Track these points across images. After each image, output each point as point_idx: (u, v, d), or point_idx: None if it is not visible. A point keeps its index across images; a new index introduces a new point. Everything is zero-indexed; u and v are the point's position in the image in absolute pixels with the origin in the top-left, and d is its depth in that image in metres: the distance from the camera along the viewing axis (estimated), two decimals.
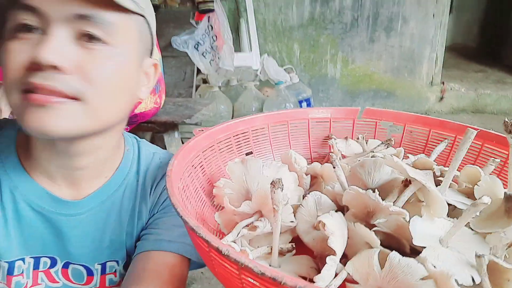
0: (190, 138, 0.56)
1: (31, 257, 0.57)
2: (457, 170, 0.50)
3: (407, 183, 0.45)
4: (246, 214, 0.49)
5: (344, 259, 0.44)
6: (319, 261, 0.47)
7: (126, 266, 0.58)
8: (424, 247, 0.37)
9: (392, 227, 0.41)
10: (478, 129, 0.46)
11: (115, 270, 0.58)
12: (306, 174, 0.58)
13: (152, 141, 1.37)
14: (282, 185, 0.43)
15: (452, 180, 0.53)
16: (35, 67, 0.42)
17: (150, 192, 0.59)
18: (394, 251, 0.37)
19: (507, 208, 0.39)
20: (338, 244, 0.39)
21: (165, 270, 0.52)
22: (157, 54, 1.24)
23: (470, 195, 0.50)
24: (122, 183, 0.58)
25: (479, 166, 0.59)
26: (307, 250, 0.48)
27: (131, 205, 0.59)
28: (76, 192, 0.57)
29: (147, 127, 1.35)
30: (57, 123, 0.44)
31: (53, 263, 0.58)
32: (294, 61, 2.49)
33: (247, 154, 0.66)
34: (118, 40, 0.46)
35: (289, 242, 0.49)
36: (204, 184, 0.56)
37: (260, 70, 2.20)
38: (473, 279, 0.35)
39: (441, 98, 2.47)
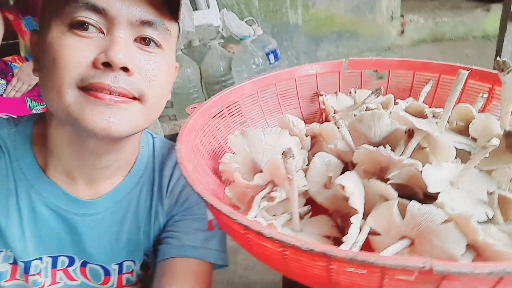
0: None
1: (48, 256, 0.56)
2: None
3: (411, 133, 0.46)
4: (259, 186, 0.49)
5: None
6: (335, 217, 0.49)
7: (143, 266, 0.59)
8: (439, 193, 0.40)
9: (404, 177, 0.43)
10: (469, 69, 0.47)
11: (132, 270, 0.58)
12: (306, 135, 0.59)
13: None
14: (293, 154, 0.44)
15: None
16: (104, 67, 0.43)
17: (166, 192, 0.58)
18: (413, 201, 0.40)
19: (507, 144, 0.41)
20: (358, 203, 0.40)
21: (193, 279, 0.53)
22: None
23: (463, 132, 0.53)
24: (139, 182, 0.57)
25: (466, 102, 0.62)
26: (321, 209, 0.50)
27: (148, 204, 0.58)
28: (93, 191, 0.56)
29: None
30: (122, 123, 0.45)
31: (71, 262, 0.58)
32: (254, 12, 2.40)
33: (241, 124, 0.66)
34: (168, 45, 0.50)
35: (304, 205, 0.51)
36: (209, 162, 0.56)
37: (221, 26, 2.11)
38: (486, 215, 0.38)
39: (402, 32, 2.49)
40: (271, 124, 0.69)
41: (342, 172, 0.51)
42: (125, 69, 0.44)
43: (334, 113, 0.69)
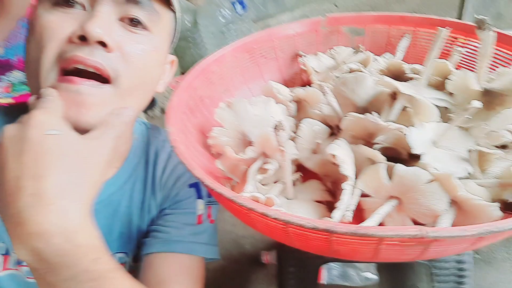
0: None
1: None
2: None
3: (395, 95, 0.48)
4: (252, 159, 0.51)
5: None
6: (325, 181, 0.52)
7: (135, 258, 0.58)
8: (423, 153, 0.42)
9: (391, 141, 0.45)
10: (444, 22, 0.48)
11: (125, 262, 0.57)
12: (291, 101, 0.60)
13: None
14: (283, 126, 0.45)
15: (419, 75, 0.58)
16: (80, 40, 0.41)
17: (159, 185, 0.57)
18: (399, 164, 0.42)
19: (485, 101, 0.44)
20: (350, 170, 0.43)
21: (181, 273, 0.52)
22: None
23: (440, 87, 0.55)
24: (132, 175, 0.56)
25: (440, 55, 0.64)
26: (311, 174, 0.53)
27: (141, 198, 0.56)
28: None
29: None
30: (92, 113, 0.43)
31: None
32: None
33: (224, 92, 0.65)
34: (157, 29, 0.47)
35: (295, 172, 0.53)
36: (198, 136, 0.56)
37: None
38: (467, 171, 0.42)
39: None
40: (253, 90, 0.68)
41: (330, 136, 0.54)
42: (102, 44, 0.42)
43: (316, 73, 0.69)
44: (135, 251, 0.59)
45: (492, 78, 0.46)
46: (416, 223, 0.42)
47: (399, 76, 0.60)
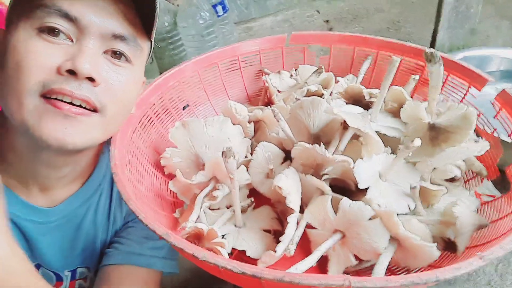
0: None
1: None
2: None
3: (346, 125, 0.48)
4: (202, 183, 0.50)
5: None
6: (277, 207, 0.52)
7: (97, 271, 0.58)
8: (368, 188, 0.42)
9: (338, 172, 0.45)
10: (401, 58, 0.48)
11: (86, 276, 0.57)
12: (249, 122, 0.59)
13: None
14: (233, 153, 0.44)
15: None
16: (68, 74, 0.42)
17: None
18: (344, 198, 0.42)
19: (431, 137, 0.44)
20: (294, 202, 0.42)
21: (137, 286, 0.53)
22: None
23: (397, 114, 0.55)
24: (97, 189, 0.55)
25: (401, 79, 0.64)
26: (264, 198, 0.52)
27: (107, 211, 0.56)
28: (48, 198, 0.53)
29: None
30: (80, 136, 0.44)
31: None
32: None
33: (183, 108, 0.64)
34: (138, 62, 0.49)
35: (248, 196, 0.52)
36: (150, 157, 0.55)
37: None
38: (409, 207, 0.42)
39: None
40: (216, 106, 0.67)
41: (284, 160, 0.53)
42: (91, 79, 0.43)
43: (278, 92, 0.69)
44: (97, 265, 0.59)
45: (440, 112, 0.47)
46: (358, 259, 0.42)
47: (358, 100, 0.60)
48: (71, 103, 0.43)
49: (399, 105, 0.54)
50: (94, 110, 0.45)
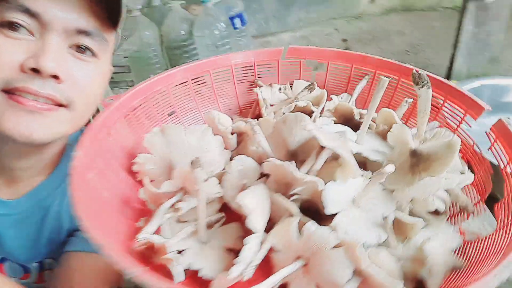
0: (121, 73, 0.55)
1: None
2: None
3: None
4: (169, 193, 0.48)
5: (270, 222, 0.46)
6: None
7: None
8: (336, 213, 0.39)
9: (309, 193, 0.42)
10: (390, 78, 0.45)
11: (53, 268, 0.57)
12: (232, 133, 0.57)
13: None
14: (201, 163, 0.42)
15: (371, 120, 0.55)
16: (32, 72, 0.41)
17: None
18: (310, 222, 0.39)
19: (411, 164, 0.41)
20: (255, 222, 0.40)
21: (97, 274, 0.52)
22: None
23: (386, 137, 0.52)
24: (64, 180, 0.54)
25: (397, 101, 0.61)
26: (237, 215, 0.50)
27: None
28: (13, 190, 0.53)
29: None
30: (46, 130, 0.44)
31: None
32: None
33: (169, 114, 0.62)
34: (104, 55, 0.49)
35: (219, 211, 0.50)
36: (125, 162, 0.53)
37: None
38: (379, 238, 0.38)
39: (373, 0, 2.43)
40: (205, 115, 0.66)
41: (262, 176, 0.51)
42: (55, 76, 0.43)
43: (271, 106, 0.67)
44: None
45: (427, 139, 0.43)
46: None
47: (349, 119, 0.58)
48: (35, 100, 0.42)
49: (389, 128, 0.51)
50: (61, 105, 0.44)
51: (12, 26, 0.41)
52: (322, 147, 0.45)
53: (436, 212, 0.45)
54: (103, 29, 0.46)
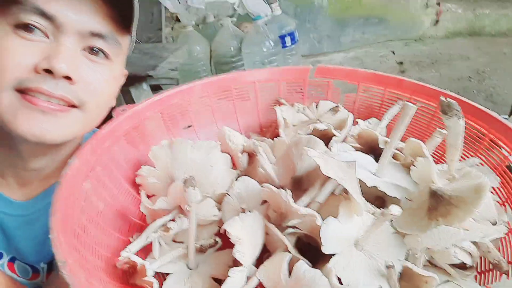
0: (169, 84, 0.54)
1: None
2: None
3: None
4: (165, 210, 0.45)
5: (267, 253, 0.41)
6: None
7: None
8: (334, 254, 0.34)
9: (307, 227, 0.37)
10: (416, 105, 0.39)
11: None
12: (242, 152, 0.54)
13: (118, 96, 1.30)
14: (195, 183, 0.39)
15: (399, 151, 0.49)
16: (45, 73, 0.42)
17: None
18: (301, 261, 0.34)
19: (430, 206, 0.34)
20: (243, 253, 0.36)
21: None
22: None
23: None
24: None
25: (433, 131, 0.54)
26: None
27: None
28: (25, 192, 0.54)
29: None
30: (58, 131, 0.44)
31: None
32: None
33: (185, 128, 0.61)
34: (117, 58, 0.49)
35: (217, 235, 0.46)
36: (130, 174, 0.52)
37: (238, 3, 2.02)
38: None
39: (437, 21, 2.29)
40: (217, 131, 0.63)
41: (264, 202, 0.46)
42: (68, 78, 0.43)
43: (293, 126, 0.63)
44: None
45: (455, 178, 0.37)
46: None
47: (374, 147, 0.52)
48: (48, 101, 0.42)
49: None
50: (73, 106, 0.45)
51: (27, 28, 0.42)
52: (329, 178, 0.40)
53: (462, 266, 0.38)
54: (117, 32, 0.47)
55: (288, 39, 2.09)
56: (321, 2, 2.33)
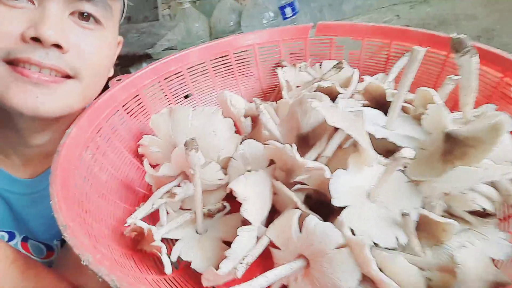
0: None
1: None
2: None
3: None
4: (170, 177, 0.44)
5: (277, 214, 0.40)
6: None
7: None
8: (345, 207, 0.32)
9: (315, 182, 0.36)
10: (426, 48, 0.37)
11: None
12: (245, 116, 0.52)
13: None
14: (196, 145, 0.37)
15: (408, 103, 0.47)
16: (33, 42, 0.40)
17: None
18: (311, 215, 0.33)
19: (445, 150, 0.33)
20: (250, 211, 0.34)
21: None
22: None
23: None
24: None
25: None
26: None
27: None
28: (30, 170, 0.53)
29: None
30: (53, 103, 0.43)
31: (11, 237, 0.57)
32: None
33: (185, 97, 0.59)
34: (109, 23, 0.47)
35: (224, 199, 0.45)
36: (132, 144, 0.50)
37: None
38: (397, 240, 0.31)
39: None
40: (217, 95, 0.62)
41: (270, 164, 0.45)
42: (57, 46, 0.41)
43: (297, 87, 0.60)
44: None
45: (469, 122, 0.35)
46: None
47: (382, 102, 0.49)
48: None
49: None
50: (67, 77, 0.43)
51: None
52: (336, 129, 0.38)
53: (483, 214, 0.36)
54: None
55: (288, 10, 2.02)
56: None
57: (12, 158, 0.51)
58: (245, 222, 0.36)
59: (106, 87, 0.51)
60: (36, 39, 0.40)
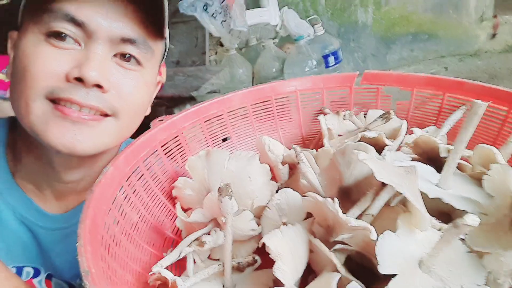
0: None
1: (13, 266, 0.55)
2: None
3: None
4: (201, 223, 0.42)
5: (313, 275, 0.36)
6: None
7: None
8: (394, 276, 0.28)
9: (359, 243, 0.32)
10: (487, 103, 0.34)
11: None
12: (283, 164, 0.50)
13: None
14: (231, 191, 0.35)
15: (465, 161, 0.43)
16: (76, 82, 0.42)
17: None
18: (353, 282, 0.29)
19: None
20: (284, 271, 0.31)
21: None
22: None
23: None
24: None
25: (506, 139, 0.47)
26: None
27: None
28: (62, 204, 0.54)
29: (155, 103, 1.31)
30: (90, 142, 0.44)
31: (36, 273, 0.56)
32: (320, 10, 2.26)
33: (223, 140, 0.58)
34: (149, 64, 0.48)
35: (256, 252, 0.42)
36: (167, 186, 0.49)
37: (280, 25, 2.02)
38: None
39: (494, 35, 2.14)
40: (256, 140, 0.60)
41: (307, 217, 0.42)
42: (98, 86, 0.43)
43: (339, 136, 0.58)
44: None
45: None
46: None
47: (434, 157, 0.45)
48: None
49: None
50: (106, 115, 0.44)
51: (59, 36, 0.42)
52: (384, 185, 0.35)
53: None
54: (148, 37, 0.46)
55: (331, 59, 2.05)
56: (366, 20, 2.28)
57: (45, 192, 0.52)
58: (277, 282, 0.32)
59: (145, 126, 0.51)
60: (79, 79, 0.41)
